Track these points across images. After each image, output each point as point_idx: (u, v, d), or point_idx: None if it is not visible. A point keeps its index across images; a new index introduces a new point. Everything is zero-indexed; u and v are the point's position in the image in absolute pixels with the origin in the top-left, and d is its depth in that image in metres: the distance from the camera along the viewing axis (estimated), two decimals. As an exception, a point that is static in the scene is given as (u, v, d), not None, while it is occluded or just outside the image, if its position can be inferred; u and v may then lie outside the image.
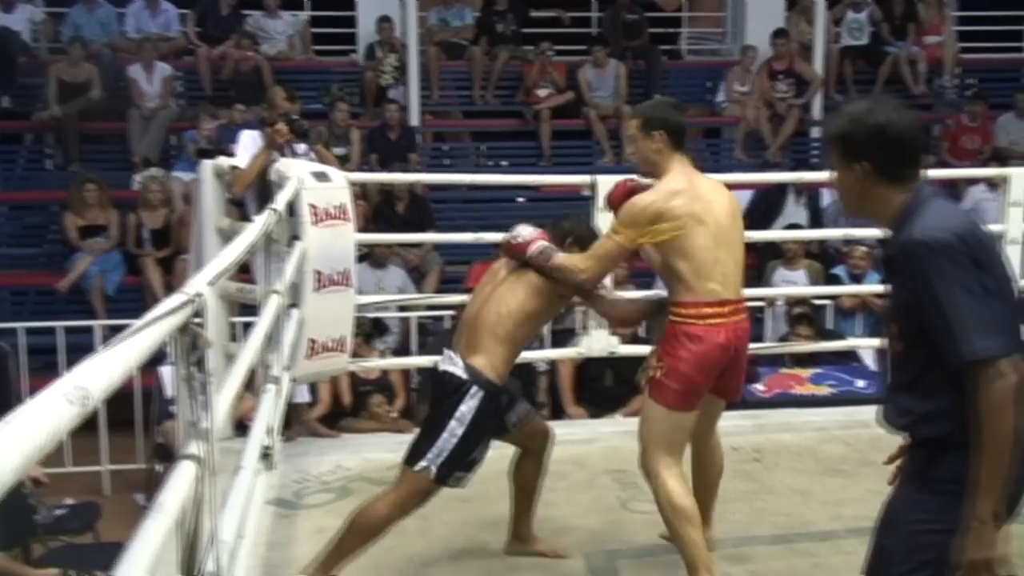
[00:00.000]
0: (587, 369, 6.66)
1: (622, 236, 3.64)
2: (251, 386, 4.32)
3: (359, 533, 3.67)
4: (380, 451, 5.03)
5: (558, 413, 6.66)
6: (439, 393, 3.75)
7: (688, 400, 3.63)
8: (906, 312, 2.44)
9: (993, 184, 9.80)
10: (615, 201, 3.89)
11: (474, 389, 3.64)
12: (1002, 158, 10.19)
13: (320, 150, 6.08)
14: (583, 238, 3.84)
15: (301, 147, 5.78)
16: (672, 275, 3.64)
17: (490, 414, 3.69)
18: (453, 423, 3.62)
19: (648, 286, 6.76)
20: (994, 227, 6.27)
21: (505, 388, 3.78)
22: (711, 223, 3.61)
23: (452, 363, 3.71)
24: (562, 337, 6.79)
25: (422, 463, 3.63)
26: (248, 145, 5.63)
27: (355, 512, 3.72)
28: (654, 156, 3.72)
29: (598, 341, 5.65)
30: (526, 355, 6.13)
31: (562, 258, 3.73)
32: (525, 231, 3.81)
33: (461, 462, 3.68)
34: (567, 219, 3.97)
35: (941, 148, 11.14)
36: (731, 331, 3.64)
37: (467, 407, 3.63)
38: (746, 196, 9.46)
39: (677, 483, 3.61)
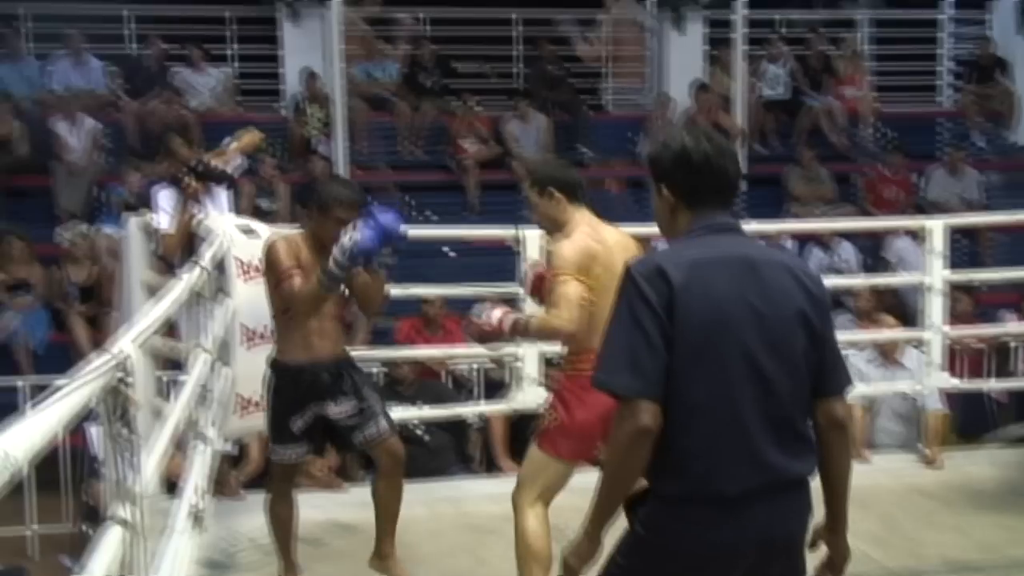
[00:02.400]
0: (520, 423, 6.66)
1: (572, 276, 3.65)
2: (179, 443, 4.30)
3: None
4: (310, 508, 4.98)
5: (492, 468, 6.66)
6: None
7: (572, 451, 3.70)
8: None
9: (915, 234, 10.06)
10: (536, 289, 3.99)
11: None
12: (921, 208, 10.45)
13: (238, 147, 6.03)
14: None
15: (212, 186, 5.74)
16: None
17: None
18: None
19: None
20: (915, 277, 6.44)
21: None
22: (618, 273, 3.66)
23: None
24: (494, 391, 6.81)
25: None
26: (165, 206, 5.60)
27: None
28: (554, 212, 3.82)
29: (530, 395, 5.68)
30: (459, 410, 6.19)
31: (539, 321, 3.78)
32: (490, 312, 3.84)
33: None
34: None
35: (862, 198, 11.39)
36: None
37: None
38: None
39: (537, 524, 3.71)
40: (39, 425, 1.64)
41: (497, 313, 3.83)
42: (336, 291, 4.06)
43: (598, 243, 3.72)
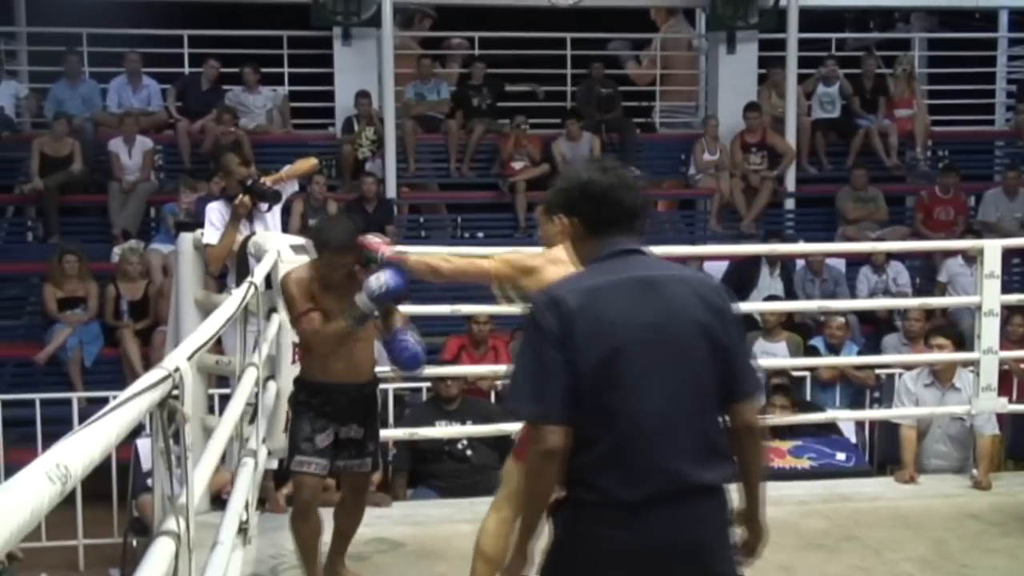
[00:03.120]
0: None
1: None
2: (224, 458, 4.34)
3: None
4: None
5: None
6: None
7: None
8: None
9: (969, 256, 9.95)
10: None
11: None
12: (976, 230, 10.33)
13: (292, 171, 6.10)
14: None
15: (263, 205, 5.78)
16: None
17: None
18: None
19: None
20: (970, 299, 6.36)
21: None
22: None
23: None
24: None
25: None
26: (215, 220, 5.64)
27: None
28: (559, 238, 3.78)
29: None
30: (504, 427, 6.19)
31: None
32: None
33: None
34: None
35: (915, 220, 11.28)
36: None
37: None
38: (721, 267, 9.55)
39: (499, 527, 3.75)
40: (95, 438, 1.66)
41: None
42: (361, 328, 4.21)
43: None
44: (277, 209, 5.87)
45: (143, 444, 6.39)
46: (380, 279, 4.07)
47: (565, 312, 2.52)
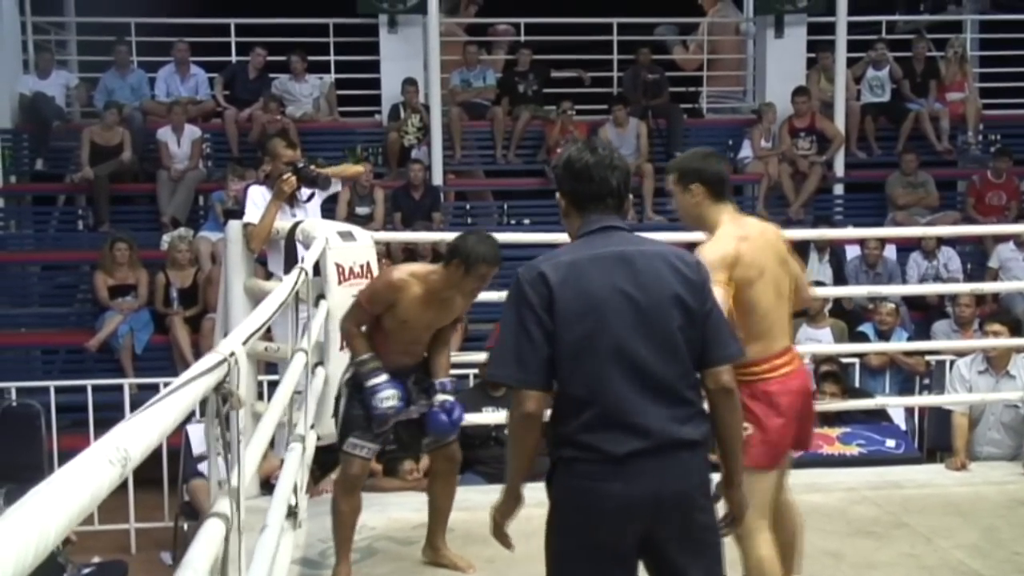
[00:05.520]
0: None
1: (722, 280, 3.37)
2: (273, 444, 4.37)
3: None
4: (405, 511, 5.04)
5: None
6: None
7: (774, 457, 3.57)
8: None
9: (1021, 242, 9.82)
10: None
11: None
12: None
13: (339, 171, 6.12)
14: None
15: (305, 192, 5.76)
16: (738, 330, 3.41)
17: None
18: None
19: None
20: (1022, 285, 6.28)
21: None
22: (768, 270, 3.53)
23: None
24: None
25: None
26: (257, 200, 5.60)
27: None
28: (695, 210, 3.59)
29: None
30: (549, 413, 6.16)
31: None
32: None
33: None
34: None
35: (967, 204, 11.14)
36: (799, 376, 3.61)
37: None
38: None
39: (768, 550, 3.53)
40: (154, 422, 1.67)
41: None
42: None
43: (743, 240, 3.51)
44: (318, 200, 5.83)
45: (194, 429, 6.47)
46: (389, 402, 4.14)
47: (548, 285, 2.72)
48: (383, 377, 4.13)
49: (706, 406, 2.84)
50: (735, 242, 3.48)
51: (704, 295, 2.82)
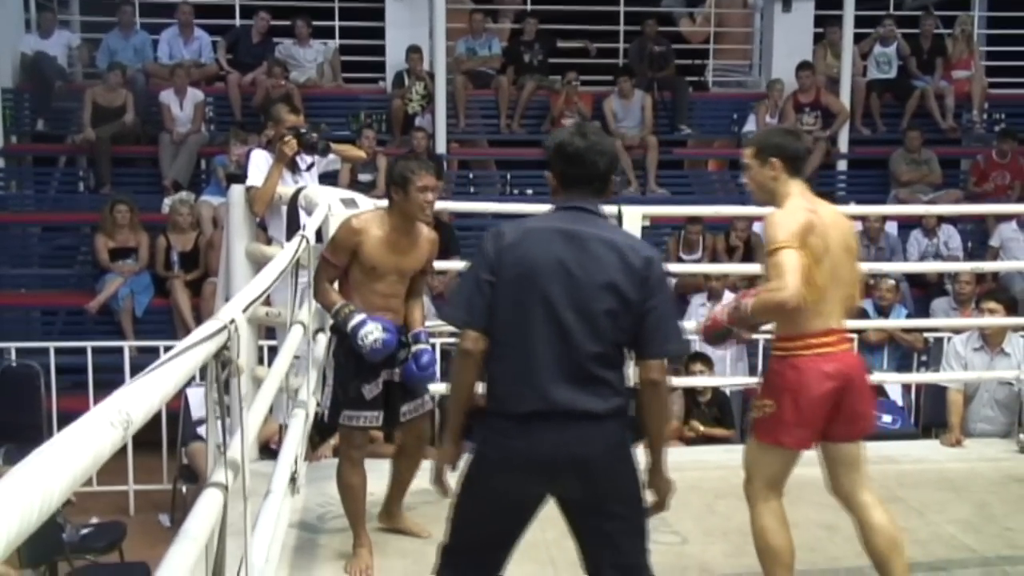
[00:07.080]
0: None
1: (788, 246, 3.38)
2: (272, 409, 4.38)
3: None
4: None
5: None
6: None
7: (783, 437, 3.53)
8: None
9: (1023, 222, 9.82)
10: (716, 327, 3.68)
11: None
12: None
13: (341, 149, 6.10)
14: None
15: (307, 159, 5.75)
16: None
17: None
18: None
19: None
20: (1020, 264, 6.29)
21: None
22: (832, 251, 3.51)
23: None
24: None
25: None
26: (259, 164, 5.60)
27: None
28: (771, 183, 3.63)
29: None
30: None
31: (759, 300, 3.45)
32: (711, 313, 3.78)
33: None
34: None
35: (969, 183, 11.13)
36: (839, 360, 3.56)
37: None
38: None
39: (772, 520, 3.58)
40: (155, 386, 1.68)
41: (716, 308, 3.75)
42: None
43: (813, 213, 3.52)
44: (316, 171, 5.84)
45: (193, 393, 6.49)
46: (373, 339, 4.03)
47: (501, 244, 2.95)
48: (361, 315, 4.04)
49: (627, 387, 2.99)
50: (806, 213, 3.51)
51: (648, 289, 2.92)
